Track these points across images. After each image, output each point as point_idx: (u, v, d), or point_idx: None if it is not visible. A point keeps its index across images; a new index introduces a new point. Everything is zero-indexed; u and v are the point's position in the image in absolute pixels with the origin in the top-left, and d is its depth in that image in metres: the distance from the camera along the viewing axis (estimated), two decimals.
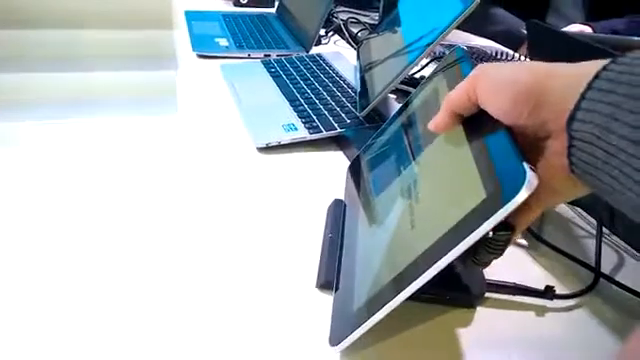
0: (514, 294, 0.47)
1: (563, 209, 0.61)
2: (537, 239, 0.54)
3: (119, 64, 2.26)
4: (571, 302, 0.47)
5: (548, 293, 0.46)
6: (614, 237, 0.56)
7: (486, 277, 0.46)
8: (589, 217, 0.58)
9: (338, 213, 0.53)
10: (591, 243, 0.52)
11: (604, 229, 0.53)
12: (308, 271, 0.46)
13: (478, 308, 0.46)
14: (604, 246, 0.52)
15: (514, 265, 0.51)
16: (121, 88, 2.17)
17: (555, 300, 0.47)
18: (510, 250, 0.53)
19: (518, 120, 0.32)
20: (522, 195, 0.28)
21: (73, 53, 2.32)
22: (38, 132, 1.86)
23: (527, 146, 0.32)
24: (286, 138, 0.66)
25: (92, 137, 1.83)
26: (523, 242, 0.54)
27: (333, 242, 0.49)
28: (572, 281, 0.49)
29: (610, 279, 0.49)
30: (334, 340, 0.38)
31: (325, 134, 0.68)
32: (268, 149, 0.65)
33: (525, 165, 0.29)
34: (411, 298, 0.34)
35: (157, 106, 1.78)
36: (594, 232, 0.54)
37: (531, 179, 0.28)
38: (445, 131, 0.38)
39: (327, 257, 0.47)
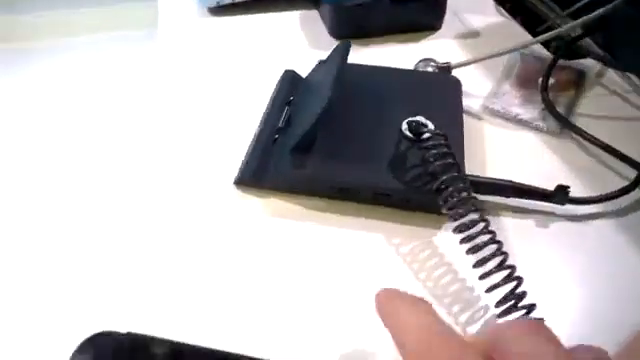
0: (508, 196, 0.33)
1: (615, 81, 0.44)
2: (563, 124, 0.39)
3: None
4: (592, 209, 0.33)
5: (559, 195, 0.32)
6: None
7: (468, 171, 0.33)
8: None
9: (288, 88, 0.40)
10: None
11: None
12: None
13: None
14: None
15: (522, 156, 0.37)
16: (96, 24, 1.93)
17: (569, 206, 0.33)
18: (519, 136, 0.39)
19: None
20: None
21: None
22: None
23: None
24: None
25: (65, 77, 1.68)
26: (541, 124, 0.39)
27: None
28: (597, 183, 0.35)
29: None
30: None
31: None
32: (219, 10, 0.51)
33: None
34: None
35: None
36: None
37: None
38: None
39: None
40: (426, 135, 0.31)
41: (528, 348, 0.18)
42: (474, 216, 0.29)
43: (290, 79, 0.41)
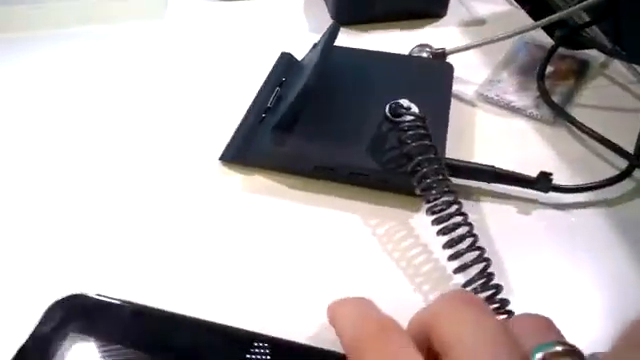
0: (490, 181, 0.33)
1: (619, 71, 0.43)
2: (557, 112, 0.38)
3: None
4: (577, 198, 0.33)
5: (542, 182, 0.32)
6: None
7: (455, 156, 0.33)
8: None
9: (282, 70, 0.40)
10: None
11: None
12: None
13: None
14: None
15: (513, 143, 0.37)
16: None
17: (553, 193, 0.32)
18: (512, 123, 0.39)
19: None
20: None
21: None
22: None
23: None
24: None
25: None
26: (535, 112, 0.38)
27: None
28: (588, 172, 0.35)
29: None
30: None
31: None
32: None
33: None
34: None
35: None
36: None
37: None
38: None
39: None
40: (405, 117, 0.32)
41: (462, 326, 0.18)
42: (447, 198, 0.29)
43: (286, 61, 0.41)
